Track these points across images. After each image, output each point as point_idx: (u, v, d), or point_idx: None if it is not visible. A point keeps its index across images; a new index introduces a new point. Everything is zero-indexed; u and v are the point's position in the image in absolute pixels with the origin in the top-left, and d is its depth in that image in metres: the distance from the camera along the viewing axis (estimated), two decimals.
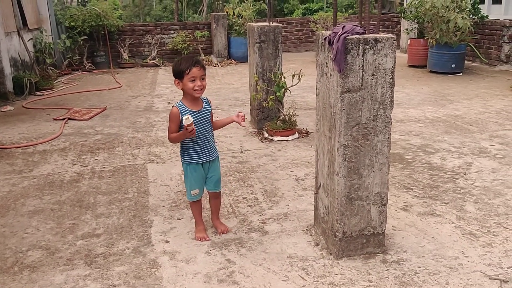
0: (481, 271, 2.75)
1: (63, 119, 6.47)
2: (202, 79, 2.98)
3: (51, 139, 5.59)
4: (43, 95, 8.27)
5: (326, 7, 17.56)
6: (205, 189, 3.26)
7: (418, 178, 4.16)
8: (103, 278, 2.79)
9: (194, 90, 2.95)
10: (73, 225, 3.47)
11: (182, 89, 3.00)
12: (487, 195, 3.79)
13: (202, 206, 3.33)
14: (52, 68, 9.71)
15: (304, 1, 18.69)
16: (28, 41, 9.16)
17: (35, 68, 8.98)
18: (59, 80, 9.69)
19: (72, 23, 10.80)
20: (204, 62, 10.91)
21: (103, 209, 3.71)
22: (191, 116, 2.93)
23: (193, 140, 3.06)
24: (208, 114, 3.12)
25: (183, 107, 3.01)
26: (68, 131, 5.98)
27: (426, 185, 4.01)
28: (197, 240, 3.18)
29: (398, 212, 3.53)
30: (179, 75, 2.96)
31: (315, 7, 17.52)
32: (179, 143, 3.13)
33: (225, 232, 3.28)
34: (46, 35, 9.96)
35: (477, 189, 3.90)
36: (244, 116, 3.20)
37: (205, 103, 3.13)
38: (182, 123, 2.95)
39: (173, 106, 3.03)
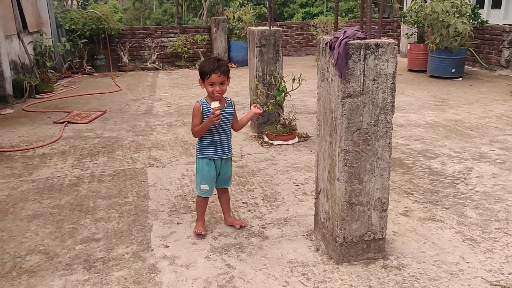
0: (482, 277, 2.74)
1: (63, 122, 6.46)
2: (222, 83, 3.04)
3: (51, 143, 5.57)
4: (43, 98, 8.26)
5: (326, 11, 17.60)
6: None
7: (418, 183, 4.15)
8: (102, 283, 2.78)
9: (213, 93, 3.05)
10: (72, 229, 3.46)
11: (204, 88, 3.10)
12: (488, 200, 3.78)
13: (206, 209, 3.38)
14: (52, 71, 9.71)
15: (304, 5, 18.72)
16: (28, 44, 9.16)
17: (35, 71, 8.98)
18: (59, 83, 9.68)
19: (72, 26, 10.82)
20: None
21: (102, 214, 3.70)
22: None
23: (211, 135, 3.13)
24: (229, 116, 3.18)
25: (206, 103, 3.10)
26: (68, 134, 5.97)
27: (426, 190, 4.00)
28: (194, 233, 3.26)
29: (398, 217, 3.52)
30: (201, 76, 3.06)
31: (315, 11, 17.56)
32: (197, 138, 3.22)
33: (243, 225, 3.40)
34: (46, 38, 9.97)
35: (477, 195, 3.89)
36: (259, 106, 3.32)
37: (228, 103, 3.19)
38: (206, 114, 3.05)
39: (196, 102, 3.13)
